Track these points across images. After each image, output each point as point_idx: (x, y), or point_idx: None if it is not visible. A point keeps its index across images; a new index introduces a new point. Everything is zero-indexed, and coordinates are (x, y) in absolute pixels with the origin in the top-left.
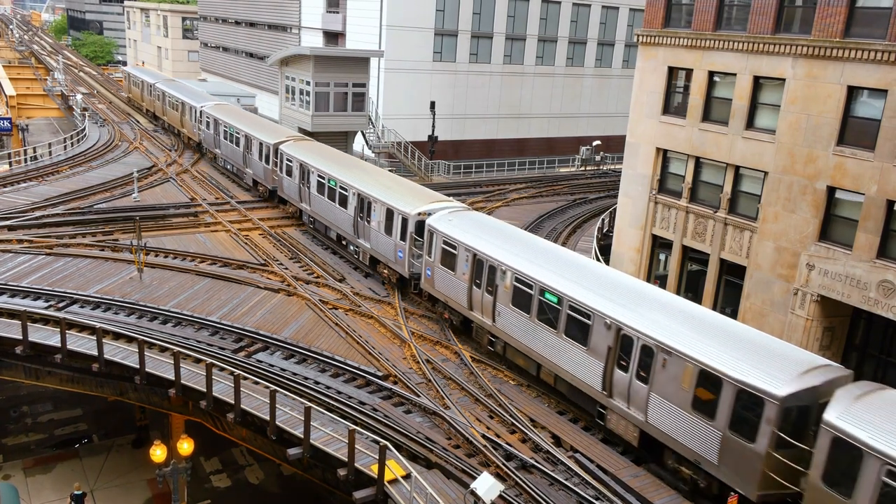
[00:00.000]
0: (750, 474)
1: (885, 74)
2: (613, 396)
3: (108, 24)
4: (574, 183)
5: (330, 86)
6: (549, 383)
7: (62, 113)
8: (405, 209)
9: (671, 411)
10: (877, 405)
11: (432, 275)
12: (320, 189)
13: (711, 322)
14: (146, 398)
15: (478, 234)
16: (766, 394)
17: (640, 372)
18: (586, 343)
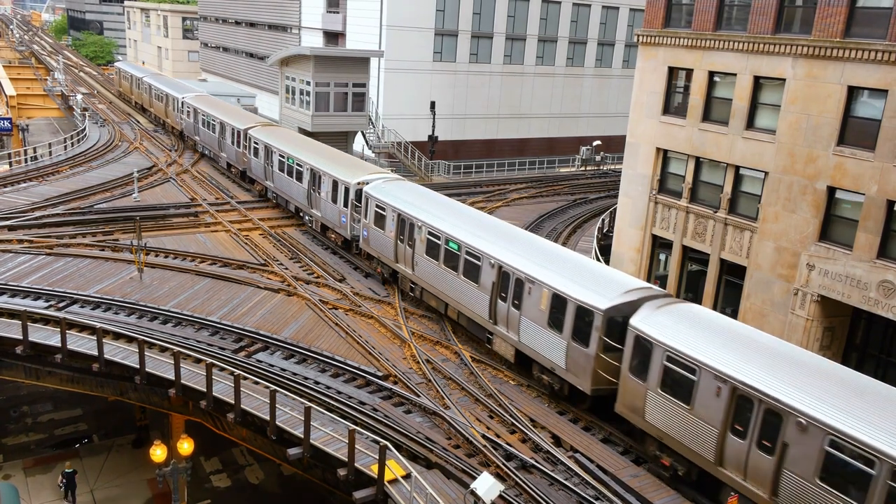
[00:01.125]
0: (586, 373)
1: (885, 74)
2: (497, 323)
3: (109, 25)
4: (574, 183)
5: (330, 86)
6: (453, 318)
7: (62, 113)
8: (347, 179)
9: (535, 330)
10: (669, 313)
11: (368, 235)
12: (281, 167)
13: (567, 258)
14: (146, 398)
15: (403, 197)
16: (594, 308)
17: (514, 301)
18: (478, 281)
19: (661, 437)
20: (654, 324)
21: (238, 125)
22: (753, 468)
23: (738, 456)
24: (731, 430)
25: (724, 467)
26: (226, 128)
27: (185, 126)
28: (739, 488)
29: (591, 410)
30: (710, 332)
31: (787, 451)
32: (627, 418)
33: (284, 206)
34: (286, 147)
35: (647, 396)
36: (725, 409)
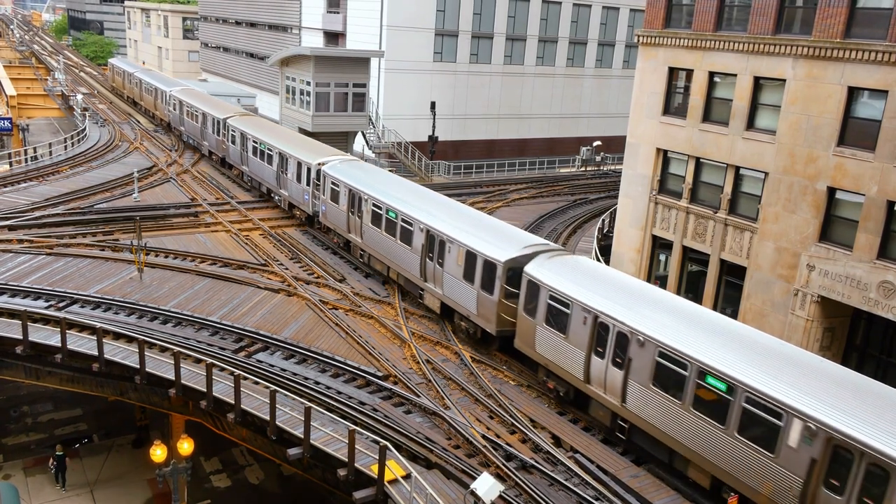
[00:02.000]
0: (492, 317)
1: (885, 75)
2: (427, 280)
3: (109, 25)
4: (574, 183)
5: (330, 86)
6: (394, 279)
7: (62, 113)
8: (309, 161)
9: (454, 283)
10: (556, 262)
11: (325, 209)
12: (254, 152)
13: (484, 222)
14: (146, 398)
15: (354, 175)
16: (497, 260)
17: (438, 259)
18: (411, 244)
19: (547, 365)
20: (541, 270)
21: (217, 115)
22: (610, 382)
23: (599, 373)
24: (594, 352)
25: (591, 384)
26: (207, 118)
27: (172, 118)
28: (601, 400)
29: (500, 350)
30: (585, 276)
31: (632, 365)
32: (523, 352)
33: (258, 188)
34: (259, 134)
35: (536, 331)
36: (590, 335)
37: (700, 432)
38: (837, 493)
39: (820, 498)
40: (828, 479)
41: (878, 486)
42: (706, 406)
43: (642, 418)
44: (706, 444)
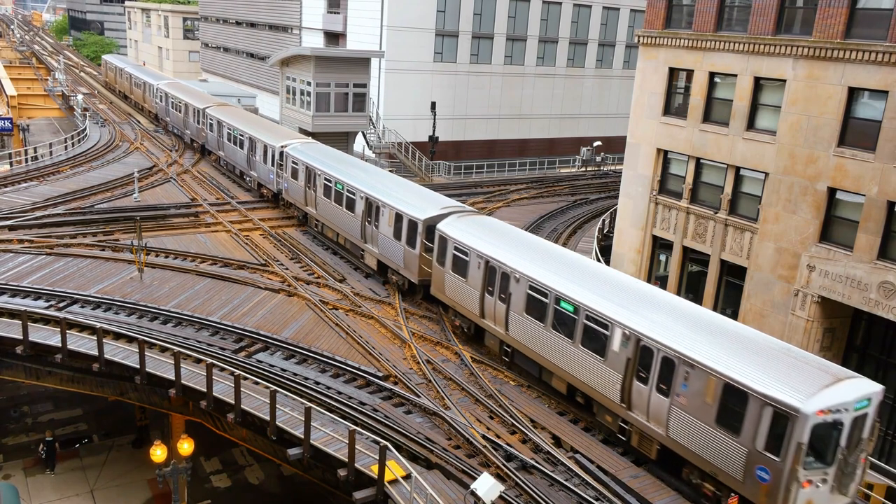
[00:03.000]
0: (414, 268)
1: (885, 75)
2: (366, 241)
3: (109, 25)
4: (575, 183)
5: (331, 86)
6: (342, 244)
7: (63, 113)
8: (274, 144)
9: (387, 242)
10: (464, 220)
11: (288, 186)
12: (229, 138)
13: (410, 188)
14: (146, 398)
15: (311, 154)
16: (417, 218)
17: (375, 222)
18: (354, 211)
19: (454, 306)
20: (450, 227)
21: (197, 105)
22: (498, 315)
23: (490, 308)
24: (486, 291)
25: (485, 318)
26: (188, 108)
27: (159, 109)
28: (491, 331)
29: (423, 298)
30: (484, 231)
31: (511, 298)
32: (437, 297)
33: (232, 171)
34: (233, 121)
35: (445, 277)
36: (483, 277)
37: (557, 348)
38: (644, 383)
39: (633, 388)
40: (638, 372)
41: (668, 373)
42: (561, 326)
43: (520, 342)
44: (562, 357)
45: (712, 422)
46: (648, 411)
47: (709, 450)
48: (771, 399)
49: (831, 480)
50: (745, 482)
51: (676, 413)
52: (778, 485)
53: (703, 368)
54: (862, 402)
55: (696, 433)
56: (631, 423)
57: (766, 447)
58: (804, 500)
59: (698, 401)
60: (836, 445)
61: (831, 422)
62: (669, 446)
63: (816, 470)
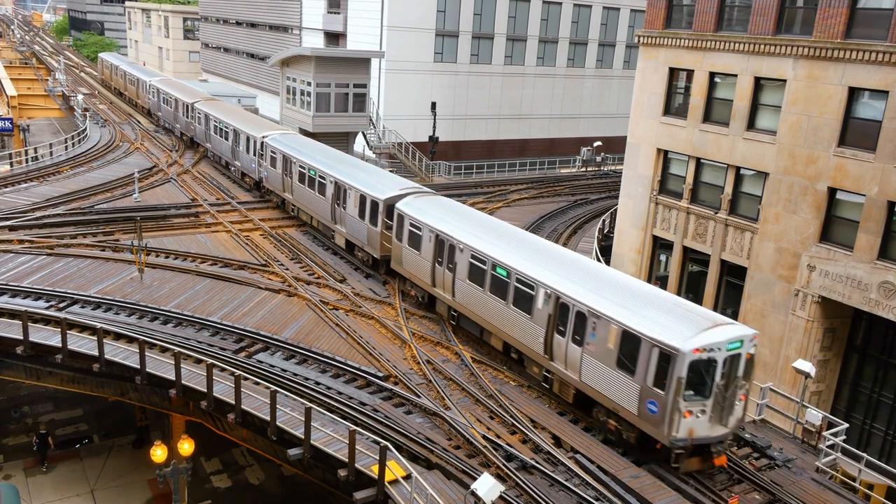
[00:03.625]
0: (376, 245)
1: (886, 75)
2: (336, 223)
3: (110, 25)
4: (575, 184)
5: (331, 86)
6: (315, 227)
7: (63, 113)
8: (255, 134)
9: (353, 221)
10: (419, 200)
11: (267, 175)
12: (215, 131)
13: (373, 172)
14: (147, 398)
15: (289, 144)
16: (378, 199)
17: (342, 205)
18: (325, 195)
19: (411, 277)
20: (408, 205)
21: (187, 100)
22: (446, 283)
23: (439, 277)
24: (436, 261)
25: (436, 287)
26: (178, 103)
27: (151, 104)
28: (441, 298)
29: (386, 273)
30: (437, 209)
31: (457, 267)
32: (397, 270)
33: (218, 161)
34: (219, 115)
35: (403, 251)
36: (434, 250)
37: (494, 309)
38: (562, 336)
39: (554, 340)
40: (557, 326)
41: (581, 325)
42: (496, 289)
43: (464, 306)
44: (498, 317)
45: (614, 365)
46: (566, 360)
47: (612, 390)
48: (657, 341)
49: (710, 412)
50: (639, 415)
51: (587, 360)
52: (664, 416)
53: (606, 319)
54: (735, 344)
55: (602, 376)
56: (553, 372)
57: (654, 383)
58: (686, 429)
59: (603, 347)
60: (711, 380)
61: (706, 359)
62: (583, 390)
63: (695, 402)
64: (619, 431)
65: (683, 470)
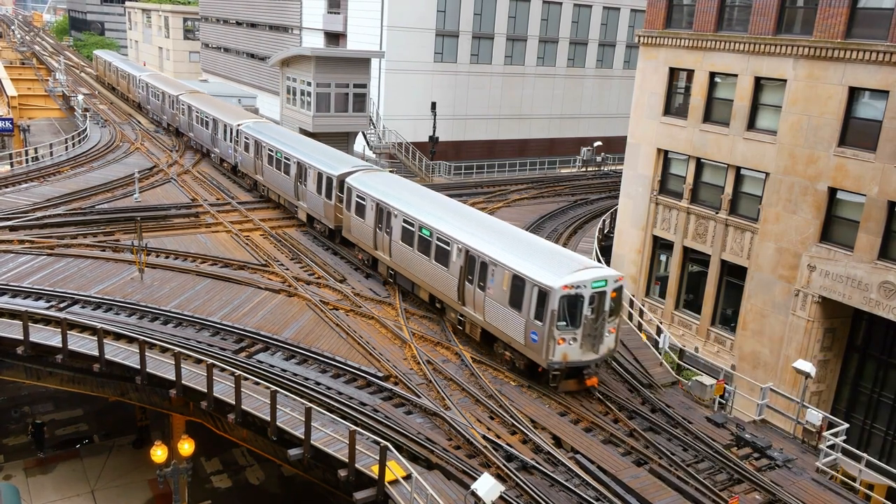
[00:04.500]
0: (331, 216)
1: (886, 75)
2: (299, 199)
3: (110, 25)
4: (575, 184)
5: (331, 86)
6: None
7: (63, 113)
8: (231, 122)
9: (312, 197)
10: (366, 175)
11: (242, 159)
12: (196, 121)
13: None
14: (147, 398)
15: (261, 131)
16: (332, 175)
17: (304, 182)
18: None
19: (358, 243)
20: (356, 180)
21: (172, 92)
22: (385, 245)
23: (380, 241)
24: (377, 227)
25: (377, 250)
26: (165, 95)
27: (141, 98)
28: (381, 259)
29: (341, 243)
30: (381, 182)
31: (392, 231)
32: (347, 237)
33: (199, 149)
34: (200, 105)
35: (351, 220)
36: (375, 217)
37: (421, 265)
38: (470, 283)
39: (465, 288)
40: (467, 276)
41: (484, 273)
42: (423, 248)
43: (398, 264)
44: (424, 272)
45: (507, 304)
46: (474, 304)
47: (506, 325)
48: (536, 281)
49: (580, 339)
50: (525, 344)
51: (489, 302)
52: (542, 343)
53: (502, 266)
54: (599, 283)
55: (499, 315)
56: (465, 315)
57: (535, 316)
58: (561, 354)
59: (499, 290)
60: (580, 313)
61: (574, 295)
62: (486, 328)
63: (567, 331)
64: (512, 360)
65: (561, 389)
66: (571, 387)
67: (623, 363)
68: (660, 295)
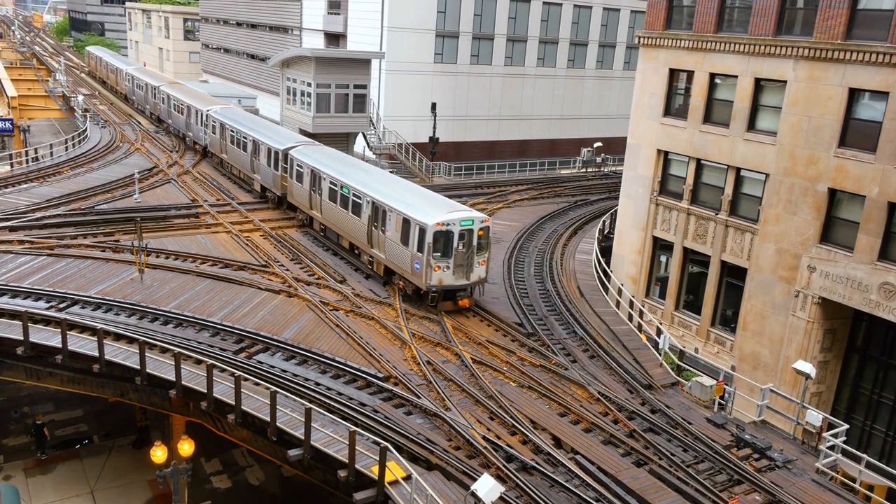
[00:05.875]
0: (278, 185)
1: (886, 76)
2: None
3: (110, 26)
4: (575, 185)
5: (331, 87)
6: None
7: (63, 114)
8: (201, 107)
9: (264, 170)
10: (306, 147)
11: (210, 141)
12: (175, 108)
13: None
14: (147, 399)
15: (225, 114)
16: (279, 149)
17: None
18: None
19: (298, 205)
20: (297, 152)
21: (154, 83)
22: (317, 204)
23: (314, 201)
24: (312, 189)
25: (312, 209)
26: (148, 87)
27: (127, 89)
28: (315, 217)
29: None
30: (317, 153)
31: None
32: (291, 202)
33: (176, 134)
34: (178, 94)
35: (293, 186)
36: (310, 181)
37: (343, 219)
38: (376, 228)
39: (372, 232)
40: (373, 222)
41: (384, 218)
42: (345, 204)
43: (327, 220)
44: (345, 224)
45: (399, 242)
46: (378, 245)
47: (399, 260)
48: (417, 221)
49: (452, 267)
50: (412, 273)
51: (388, 242)
52: (423, 270)
53: (396, 211)
54: (467, 221)
55: (395, 252)
56: (373, 256)
57: (417, 249)
58: (437, 279)
59: (394, 231)
60: (451, 246)
61: (445, 231)
62: (387, 265)
63: (441, 260)
64: (405, 288)
65: (440, 309)
66: (448, 307)
67: (623, 364)
68: (660, 296)
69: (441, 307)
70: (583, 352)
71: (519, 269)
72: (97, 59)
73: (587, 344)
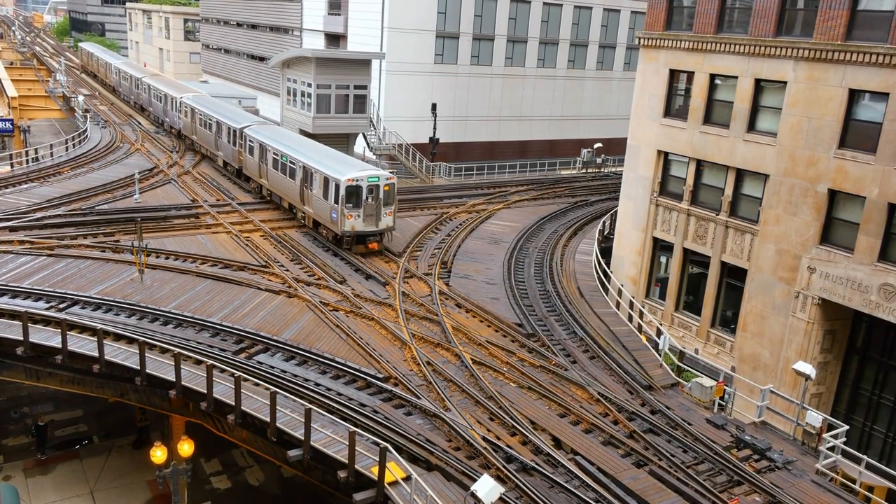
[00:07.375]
0: (236, 160)
1: (886, 77)
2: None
3: (111, 26)
4: (575, 185)
5: (331, 87)
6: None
7: (64, 114)
8: (177, 96)
9: (225, 147)
10: (261, 127)
11: (183, 124)
12: (155, 97)
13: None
14: (147, 399)
15: (196, 100)
16: (236, 128)
17: (220, 137)
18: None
19: (251, 176)
20: (251, 130)
21: (136, 75)
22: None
23: (263, 170)
24: (261, 161)
25: (262, 178)
26: (132, 78)
27: (114, 82)
28: (262, 184)
29: (244, 180)
30: (267, 130)
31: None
32: (245, 174)
33: (156, 120)
34: (157, 84)
35: (246, 159)
36: (259, 154)
37: (284, 184)
38: (306, 188)
39: (303, 192)
40: (304, 183)
41: (311, 179)
42: (284, 171)
43: (273, 186)
44: (285, 188)
45: (322, 197)
46: (308, 201)
47: (322, 212)
48: (334, 178)
49: (362, 216)
50: (331, 222)
51: (314, 198)
52: (339, 219)
53: (319, 172)
54: (373, 178)
55: (319, 206)
56: (305, 213)
57: (334, 201)
58: (350, 226)
59: (318, 189)
60: (360, 198)
61: (354, 185)
62: (315, 218)
63: (352, 209)
64: (326, 236)
65: (354, 252)
66: (360, 249)
67: (623, 365)
68: (660, 296)
69: (355, 249)
70: (583, 352)
71: (519, 270)
72: (89, 54)
73: (587, 345)
